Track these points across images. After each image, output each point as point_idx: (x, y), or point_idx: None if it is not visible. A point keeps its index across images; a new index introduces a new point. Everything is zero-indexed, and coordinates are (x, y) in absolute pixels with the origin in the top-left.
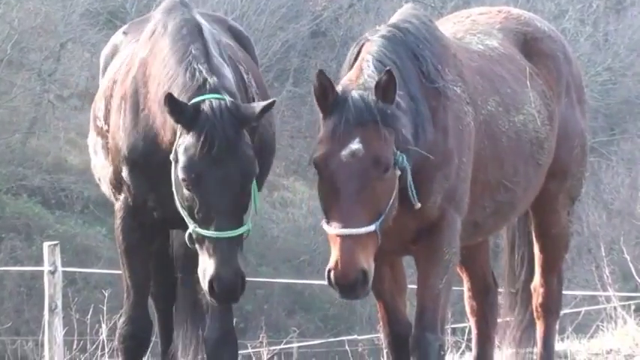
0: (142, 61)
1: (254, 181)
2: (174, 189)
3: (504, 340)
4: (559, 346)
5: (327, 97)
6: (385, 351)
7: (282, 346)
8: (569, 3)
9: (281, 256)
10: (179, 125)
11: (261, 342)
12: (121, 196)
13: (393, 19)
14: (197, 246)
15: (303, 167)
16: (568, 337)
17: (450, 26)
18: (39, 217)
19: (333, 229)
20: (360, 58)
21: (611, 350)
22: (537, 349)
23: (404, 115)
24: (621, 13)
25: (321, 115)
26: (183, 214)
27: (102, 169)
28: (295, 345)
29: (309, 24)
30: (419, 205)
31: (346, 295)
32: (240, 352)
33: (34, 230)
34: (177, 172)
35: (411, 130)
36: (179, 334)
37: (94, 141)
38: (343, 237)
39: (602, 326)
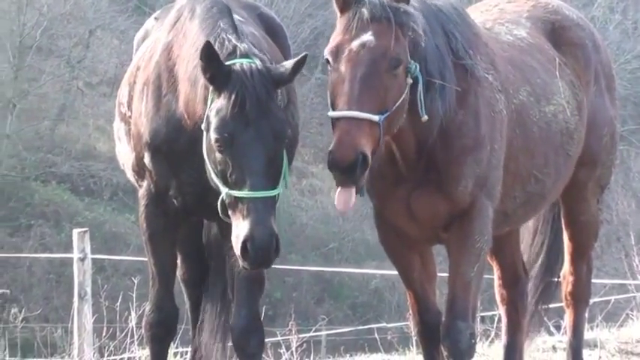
0: (165, 46)
1: (284, 150)
2: (205, 156)
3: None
4: (588, 334)
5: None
6: (415, 339)
7: (310, 334)
8: None
9: (310, 244)
10: (211, 88)
11: (290, 330)
12: (144, 183)
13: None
14: (230, 211)
15: None
16: (597, 326)
17: (478, 15)
18: (68, 204)
19: (337, 112)
20: None
21: None
22: (567, 337)
23: (419, 16)
24: None
25: (338, 14)
26: (216, 180)
27: (125, 156)
28: (324, 333)
29: None
30: (425, 117)
31: (345, 178)
32: (268, 339)
33: (63, 217)
34: (210, 136)
35: (438, 65)
36: (207, 321)
37: (117, 127)
38: (346, 119)
39: (632, 315)
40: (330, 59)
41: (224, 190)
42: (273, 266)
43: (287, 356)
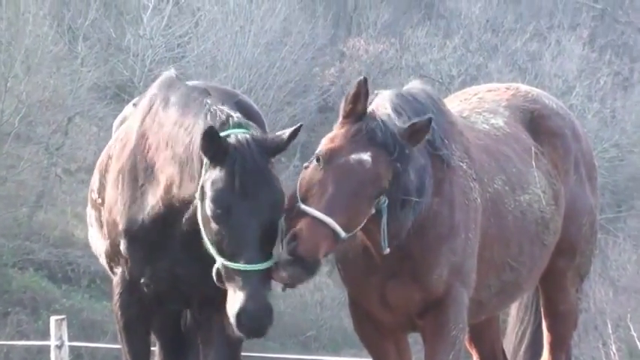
0: (139, 135)
1: (281, 219)
2: (201, 224)
3: None
4: None
5: (357, 104)
6: None
7: None
8: (577, 79)
9: (288, 332)
10: (206, 161)
11: None
12: (119, 270)
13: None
14: (225, 280)
15: None
16: None
17: (456, 104)
18: (45, 291)
19: (311, 209)
20: (372, 106)
21: None
22: None
23: (414, 166)
24: (628, 90)
25: (340, 117)
26: (212, 249)
27: (97, 242)
28: None
29: (317, 99)
30: (387, 250)
31: (293, 269)
32: None
33: (40, 304)
34: (206, 207)
35: (416, 183)
36: None
37: (89, 213)
38: (318, 220)
39: None
40: (323, 158)
41: (219, 260)
42: (251, 354)
43: None
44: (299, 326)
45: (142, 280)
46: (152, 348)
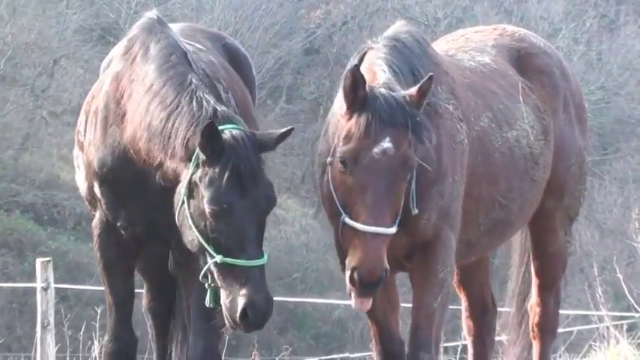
0: (115, 76)
1: None
2: (190, 223)
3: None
4: None
5: (357, 92)
6: None
7: None
8: (563, 22)
9: (273, 274)
10: (201, 158)
11: (253, 359)
12: (97, 212)
13: (388, 33)
14: (221, 277)
15: (295, 185)
16: (561, 357)
17: (443, 44)
18: (31, 233)
19: (364, 226)
20: (367, 63)
21: None
22: None
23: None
24: (614, 32)
25: (344, 109)
26: (206, 247)
27: (80, 184)
28: None
29: (303, 41)
30: (416, 211)
31: (366, 292)
32: None
33: (26, 246)
34: (201, 206)
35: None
36: (173, 351)
37: (76, 155)
38: (372, 235)
39: (595, 346)
40: (348, 162)
41: (217, 257)
42: None
43: None
44: (285, 269)
45: (119, 223)
46: (140, 290)
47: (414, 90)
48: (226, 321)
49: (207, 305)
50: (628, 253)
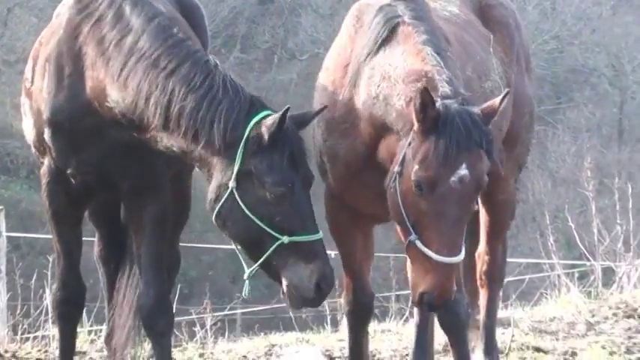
0: (70, 22)
1: None
2: (247, 212)
3: None
4: (502, 313)
5: (427, 111)
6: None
7: (225, 313)
8: None
9: None
10: (254, 147)
11: (205, 308)
12: (45, 160)
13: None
14: (283, 260)
15: None
16: (512, 305)
17: None
18: None
19: (438, 257)
20: (410, 45)
21: (554, 318)
22: (480, 316)
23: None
24: None
25: (416, 126)
26: (270, 231)
27: (28, 131)
28: (239, 311)
29: None
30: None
31: (432, 310)
32: (183, 318)
33: None
34: (260, 192)
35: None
36: (121, 299)
37: (23, 102)
38: (445, 264)
39: (546, 294)
40: (424, 188)
41: (283, 237)
42: (189, 244)
43: (201, 334)
44: None
45: (69, 171)
46: (93, 238)
47: (489, 107)
48: (293, 301)
49: (245, 297)
50: (580, 202)
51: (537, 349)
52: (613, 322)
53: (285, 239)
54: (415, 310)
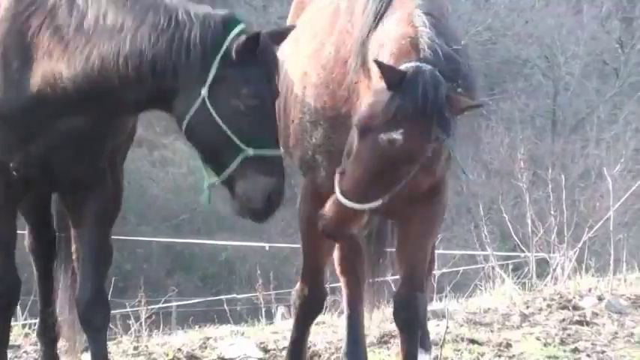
0: (16, 19)
1: None
2: (218, 120)
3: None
4: (437, 305)
5: (389, 72)
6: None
7: (160, 306)
8: None
9: (161, 216)
10: (230, 60)
11: (140, 301)
12: None
13: None
14: (243, 171)
15: None
16: (446, 297)
17: None
18: None
19: (339, 197)
20: (403, 9)
21: (488, 309)
22: None
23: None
24: None
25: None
26: (237, 142)
27: None
28: (174, 304)
29: None
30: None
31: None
32: (118, 311)
33: None
34: (233, 102)
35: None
36: (58, 293)
37: None
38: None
39: (480, 285)
40: (358, 132)
41: (248, 149)
42: (123, 237)
43: (136, 327)
44: (172, 210)
45: (12, 164)
46: (23, 231)
47: (460, 102)
48: (242, 209)
49: (207, 204)
50: (514, 194)
51: (472, 341)
52: (547, 313)
53: (251, 151)
54: (345, 303)
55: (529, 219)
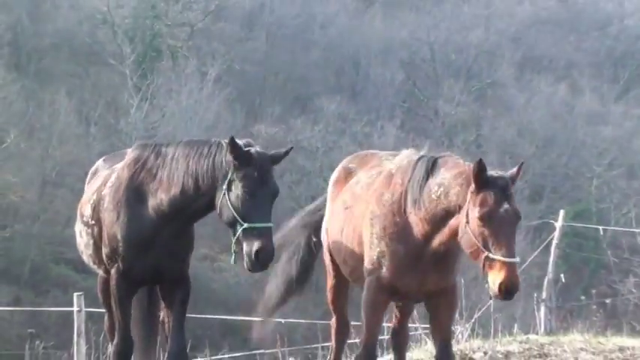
0: (131, 178)
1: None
2: (229, 205)
3: None
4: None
5: (482, 175)
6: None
7: (219, 357)
8: None
9: (216, 301)
10: (233, 163)
11: (205, 354)
12: (115, 265)
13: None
14: (244, 239)
15: None
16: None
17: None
18: (68, 276)
19: (508, 258)
20: (449, 163)
21: None
22: None
23: None
24: None
25: (472, 187)
26: (238, 219)
27: (86, 247)
28: (227, 356)
29: None
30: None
31: (511, 297)
32: None
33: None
34: (238, 193)
35: None
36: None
37: (80, 228)
38: (514, 263)
39: (412, 345)
40: (485, 218)
41: (245, 224)
42: (195, 315)
43: None
44: (225, 298)
45: (133, 271)
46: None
47: (514, 173)
48: (245, 263)
49: (232, 263)
50: None
51: None
52: None
53: (246, 225)
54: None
55: None
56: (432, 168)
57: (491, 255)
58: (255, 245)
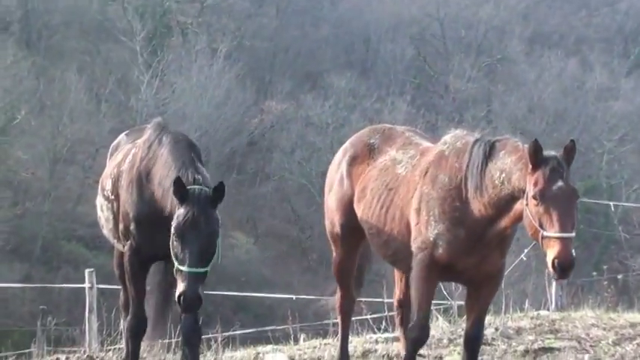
0: (142, 159)
1: (218, 241)
2: (170, 242)
3: None
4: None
5: (538, 155)
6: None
7: (230, 333)
8: None
9: (228, 278)
10: (177, 200)
11: (217, 330)
12: (128, 242)
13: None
14: (177, 277)
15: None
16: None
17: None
18: (82, 254)
19: (562, 233)
20: (509, 146)
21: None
22: None
23: None
24: None
25: (529, 167)
26: (173, 257)
27: (106, 222)
28: (238, 332)
29: (246, 137)
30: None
31: (566, 274)
32: (204, 336)
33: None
34: (172, 229)
35: None
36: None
37: (100, 202)
38: (566, 238)
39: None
40: (539, 197)
41: (176, 264)
42: (213, 292)
43: (214, 347)
44: (236, 274)
45: (144, 248)
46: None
47: (568, 151)
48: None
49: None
50: None
51: (418, 355)
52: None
53: (176, 265)
54: (340, 330)
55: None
56: (490, 152)
57: (545, 233)
58: (180, 288)
